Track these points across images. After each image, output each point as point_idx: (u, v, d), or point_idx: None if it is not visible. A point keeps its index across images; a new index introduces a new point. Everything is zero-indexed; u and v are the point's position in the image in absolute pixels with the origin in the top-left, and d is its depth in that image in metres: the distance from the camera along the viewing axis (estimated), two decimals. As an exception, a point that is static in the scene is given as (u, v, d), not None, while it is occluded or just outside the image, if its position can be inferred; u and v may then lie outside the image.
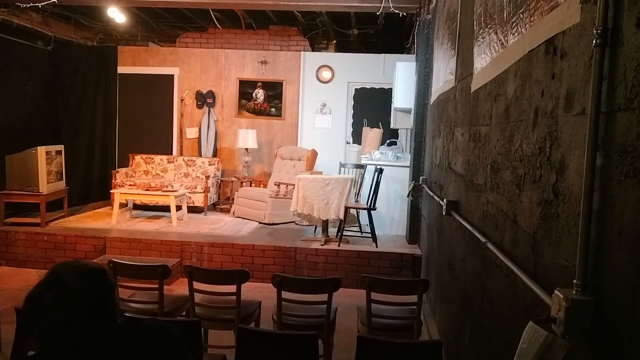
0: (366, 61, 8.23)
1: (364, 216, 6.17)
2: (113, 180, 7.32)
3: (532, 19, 1.93)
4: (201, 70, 8.41)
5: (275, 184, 7.04)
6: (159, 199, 6.69)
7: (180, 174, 7.86)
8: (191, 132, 8.44)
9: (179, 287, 5.08)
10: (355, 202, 6.24)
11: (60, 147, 6.72)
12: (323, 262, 5.59)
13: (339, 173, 6.47)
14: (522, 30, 2.05)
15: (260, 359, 2.47)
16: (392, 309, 3.28)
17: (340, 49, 8.84)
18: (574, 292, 1.36)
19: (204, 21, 8.04)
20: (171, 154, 8.35)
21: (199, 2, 6.35)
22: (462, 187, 3.29)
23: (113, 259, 3.44)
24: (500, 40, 2.40)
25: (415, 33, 6.33)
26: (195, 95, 8.40)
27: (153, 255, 5.70)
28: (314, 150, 7.58)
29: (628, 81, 1.22)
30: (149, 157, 8.00)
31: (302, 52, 8.30)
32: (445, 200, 3.60)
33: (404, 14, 6.29)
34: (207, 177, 7.46)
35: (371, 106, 8.24)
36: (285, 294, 3.20)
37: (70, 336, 1.23)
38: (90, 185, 8.09)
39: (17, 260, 5.87)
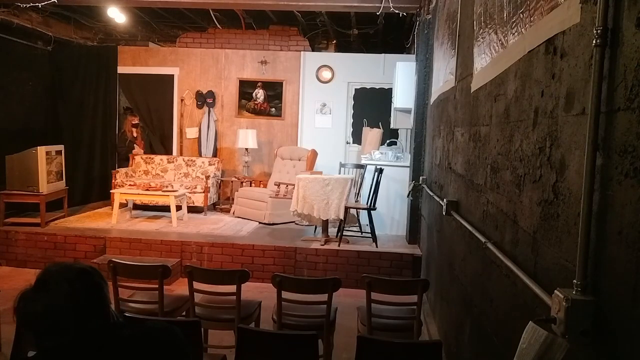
0: (366, 61, 8.23)
1: (364, 216, 6.17)
2: (113, 180, 7.32)
3: (532, 19, 1.93)
4: (201, 70, 8.41)
5: (275, 184, 7.04)
6: (159, 199, 6.69)
7: (180, 174, 7.86)
8: (191, 132, 8.44)
9: (179, 287, 5.08)
10: (355, 202, 6.25)
11: (60, 147, 6.71)
12: (323, 262, 5.59)
13: (339, 173, 6.47)
14: (522, 30, 2.05)
15: (260, 359, 2.48)
16: (392, 309, 3.28)
17: (340, 49, 8.84)
18: (574, 292, 1.36)
19: (204, 21, 8.04)
20: (171, 154, 8.35)
21: (199, 2, 6.35)
22: (462, 187, 3.29)
23: (113, 259, 3.44)
24: (500, 40, 2.40)
25: (415, 33, 6.33)
26: (195, 95, 8.40)
27: (153, 255, 5.70)
28: (314, 150, 7.58)
29: (628, 81, 1.22)
30: (149, 157, 8.00)
31: (302, 52, 8.30)
32: (445, 200, 3.60)
33: (404, 14, 6.29)
34: (207, 177, 7.46)
35: (371, 106, 8.24)
36: (285, 294, 3.20)
37: (63, 337, 1.24)
38: (90, 185, 8.09)
39: (17, 260, 5.87)
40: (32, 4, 6.22)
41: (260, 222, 6.82)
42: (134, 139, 8.89)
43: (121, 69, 8.25)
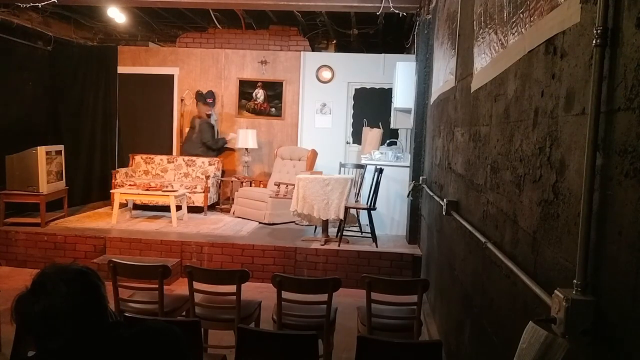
0: (366, 61, 8.23)
1: (364, 216, 6.17)
2: (113, 180, 7.32)
3: (532, 18, 1.93)
4: (201, 70, 8.41)
5: (275, 184, 7.04)
6: (159, 199, 6.69)
7: (180, 174, 7.86)
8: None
9: (179, 287, 5.08)
10: (355, 202, 6.24)
11: (60, 147, 6.71)
12: (323, 262, 5.59)
13: (339, 173, 6.47)
14: (522, 30, 2.05)
15: (260, 359, 2.48)
16: (392, 309, 3.28)
17: (340, 49, 8.84)
18: (574, 292, 1.36)
19: (204, 21, 8.04)
20: (171, 154, 8.35)
21: (199, 2, 6.35)
22: (462, 187, 3.29)
23: (113, 259, 3.43)
24: (500, 40, 2.40)
25: (415, 33, 6.33)
26: (195, 95, 8.39)
27: (153, 255, 5.70)
28: (314, 150, 7.58)
29: (628, 81, 1.22)
30: (149, 157, 8.00)
31: (302, 52, 8.30)
32: (445, 200, 3.60)
33: (404, 14, 6.29)
34: (207, 177, 7.46)
35: (371, 106, 8.24)
36: (285, 294, 3.20)
37: (63, 338, 1.24)
38: (90, 185, 8.08)
39: (17, 260, 5.86)
40: (32, 4, 6.22)
41: (260, 222, 6.82)
42: None
43: (121, 69, 8.25)
